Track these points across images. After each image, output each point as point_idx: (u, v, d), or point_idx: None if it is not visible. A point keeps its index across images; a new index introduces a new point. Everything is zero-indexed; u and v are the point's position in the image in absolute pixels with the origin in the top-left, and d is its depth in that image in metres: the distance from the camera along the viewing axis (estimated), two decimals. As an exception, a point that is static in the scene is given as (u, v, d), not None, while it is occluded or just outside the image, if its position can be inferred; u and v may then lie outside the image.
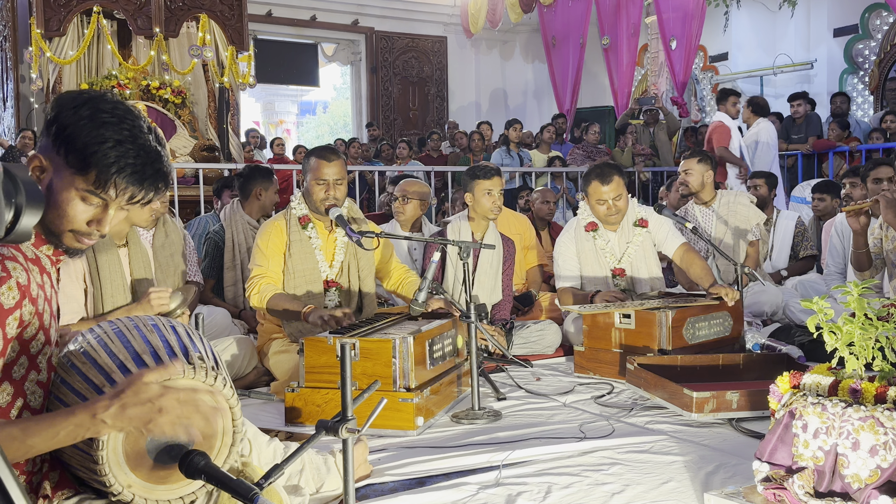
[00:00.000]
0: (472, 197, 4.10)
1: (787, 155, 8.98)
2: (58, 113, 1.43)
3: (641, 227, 4.04)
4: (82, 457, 1.39)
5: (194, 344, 1.50)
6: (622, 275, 4.03)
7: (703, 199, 4.82)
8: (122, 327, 1.50)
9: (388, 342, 2.73)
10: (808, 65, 11.70)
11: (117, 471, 1.39)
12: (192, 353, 1.46)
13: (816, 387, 1.85)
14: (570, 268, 4.10)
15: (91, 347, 1.45)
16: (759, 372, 3.17)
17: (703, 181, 4.75)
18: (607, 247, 4.04)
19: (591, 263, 4.05)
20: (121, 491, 1.40)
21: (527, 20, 13.37)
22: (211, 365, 1.47)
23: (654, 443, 2.58)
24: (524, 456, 2.46)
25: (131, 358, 1.43)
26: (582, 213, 4.12)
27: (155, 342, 1.46)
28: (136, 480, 1.41)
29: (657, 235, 4.05)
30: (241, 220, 4.72)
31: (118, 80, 9.52)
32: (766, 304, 4.46)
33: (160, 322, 1.53)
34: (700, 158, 4.77)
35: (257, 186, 4.78)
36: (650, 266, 4.06)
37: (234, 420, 1.50)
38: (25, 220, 1.10)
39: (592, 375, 3.55)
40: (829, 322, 1.86)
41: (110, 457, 1.38)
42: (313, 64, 14.74)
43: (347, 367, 1.72)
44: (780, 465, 1.84)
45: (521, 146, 9.76)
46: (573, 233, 4.14)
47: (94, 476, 1.39)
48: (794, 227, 5.42)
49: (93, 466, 1.38)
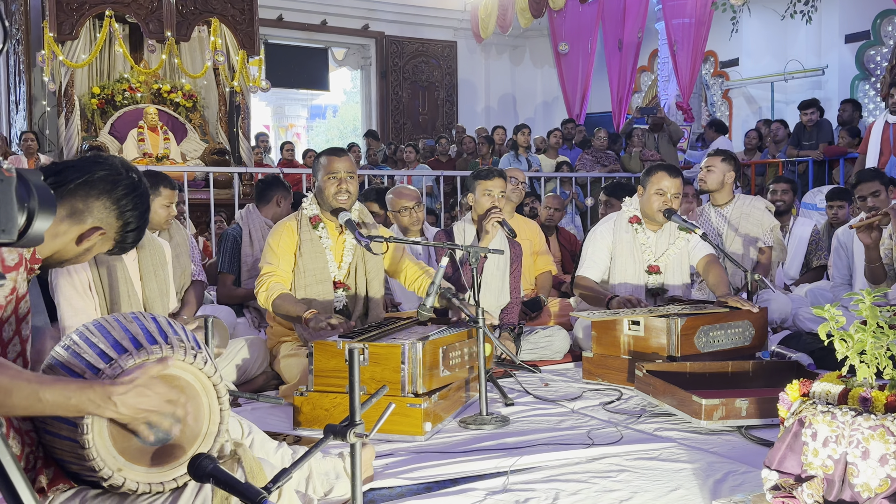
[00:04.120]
0: (473, 198, 4.11)
1: (798, 161, 8.95)
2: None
3: (686, 234, 4.05)
4: (70, 445, 1.41)
5: (173, 329, 1.55)
6: (657, 272, 4.03)
7: (720, 200, 4.79)
8: (103, 321, 1.55)
9: (397, 347, 2.73)
10: (820, 71, 11.66)
11: (105, 454, 1.41)
12: (172, 337, 1.51)
13: (826, 395, 1.84)
14: (598, 259, 4.10)
15: (73, 343, 1.50)
16: (769, 379, 3.16)
17: (724, 181, 4.71)
18: (647, 242, 4.05)
19: (626, 256, 4.05)
20: (111, 475, 1.41)
21: (537, 25, 13.38)
22: (191, 345, 1.52)
23: (663, 450, 2.57)
24: (532, 462, 2.46)
25: (111, 345, 1.48)
26: (627, 207, 4.13)
27: (134, 330, 1.51)
28: (126, 464, 1.43)
29: (690, 243, 4.08)
30: (259, 219, 4.79)
31: (129, 84, 9.59)
32: (775, 311, 4.44)
33: (140, 314, 1.59)
34: (724, 157, 4.73)
35: (278, 194, 4.87)
36: (683, 272, 4.08)
37: (220, 398, 1.54)
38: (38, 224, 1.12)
39: (601, 382, 3.54)
40: (840, 330, 1.85)
41: (97, 440, 1.40)
42: (323, 68, 14.80)
43: (356, 371, 1.73)
44: (790, 474, 1.83)
45: (529, 151, 9.76)
46: (612, 224, 4.14)
47: (83, 463, 1.42)
48: (810, 235, 5.39)
49: (81, 452, 1.40)
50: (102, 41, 8.67)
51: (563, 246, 6.07)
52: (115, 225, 1.69)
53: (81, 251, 1.67)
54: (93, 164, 1.69)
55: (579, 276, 4.13)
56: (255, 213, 4.85)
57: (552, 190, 8.68)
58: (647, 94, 13.84)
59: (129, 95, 9.58)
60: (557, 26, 12.71)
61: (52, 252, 1.63)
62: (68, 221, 1.63)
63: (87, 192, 1.65)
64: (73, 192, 1.64)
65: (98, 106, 9.45)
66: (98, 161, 1.71)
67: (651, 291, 4.06)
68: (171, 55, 8.83)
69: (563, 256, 6.00)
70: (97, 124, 9.44)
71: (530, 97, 15.33)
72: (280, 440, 2.27)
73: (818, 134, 8.89)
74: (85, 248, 1.67)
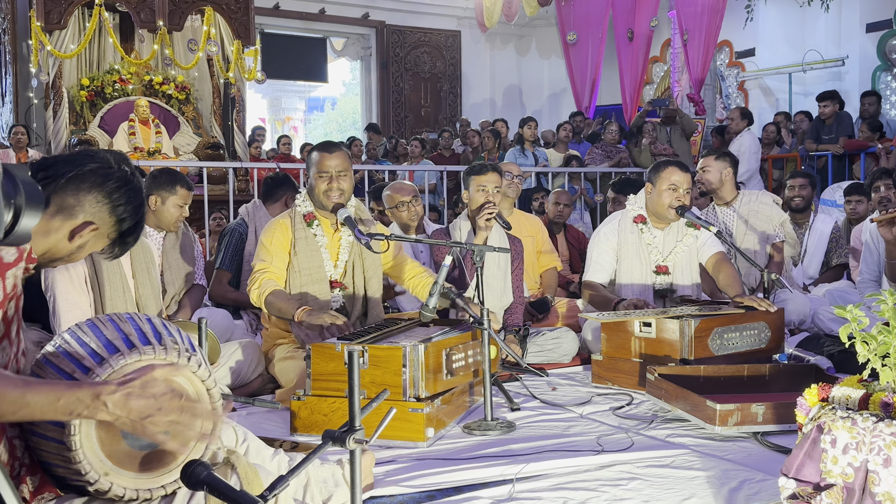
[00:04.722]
0: (468, 195, 4.11)
1: (818, 156, 8.94)
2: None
3: (694, 230, 4.04)
4: (57, 446, 1.41)
5: (168, 331, 1.56)
6: (665, 272, 4.03)
7: (724, 198, 4.80)
8: (96, 320, 1.56)
9: (398, 350, 2.73)
10: (840, 61, 11.63)
11: (93, 458, 1.42)
12: (166, 338, 1.52)
13: (846, 400, 1.84)
14: (603, 262, 4.10)
15: (64, 342, 1.51)
16: (786, 383, 3.15)
17: (722, 178, 4.73)
18: (654, 241, 4.05)
19: (632, 257, 4.05)
20: (97, 479, 1.41)
21: (543, 14, 13.37)
22: (185, 347, 1.52)
23: (675, 457, 2.57)
24: (539, 469, 2.45)
25: (102, 345, 1.48)
26: (631, 205, 4.12)
27: (127, 329, 1.52)
28: (114, 468, 1.44)
29: (699, 241, 4.07)
30: (266, 217, 4.77)
31: (120, 75, 9.60)
32: (793, 312, 4.43)
33: (135, 314, 1.59)
34: (718, 156, 4.77)
35: (287, 194, 4.86)
36: (693, 271, 4.08)
37: (213, 402, 1.54)
38: (25, 222, 1.12)
39: (611, 386, 3.54)
40: (862, 332, 1.84)
41: (84, 443, 1.40)
42: (322, 59, 14.81)
43: (356, 375, 1.72)
44: (808, 482, 1.83)
45: (536, 145, 9.74)
46: (616, 224, 4.14)
47: (69, 466, 1.42)
48: (831, 232, 5.38)
49: (67, 454, 1.40)
50: (92, 31, 8.67)
51: (571, 244, 6.07)
52: (108, 221, 1.69)
53: (74, 248, 1.67)
54: (84, 157, 1.70)
55: (586, 282, 4.14)
56: (262, 209, 4.83)
57: (560, 186, 8.67)
58: (659, 86, 13.82)
59: (119, 87, 9.59)
60: (565, 15, 12.68)
61: (44, 250, 1.63)
62: (59, 217, 1.63)
63: (77, 185, 1.65)
64: (64, 186, 1.64)
65: (87, 98, 9.46)
66: (90, 154, 1.71)
67: (659, 292, 4.05)
68: (163, 45, 8.84)
69: (571, 255, 6.00)
70: (86, 117, 9.45)
71: (537, 89, 15.31)
72: (276, 447, 2.27)
73: (838, 127, 8.87)
74: (77, 245, 1.66)
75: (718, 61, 12.82)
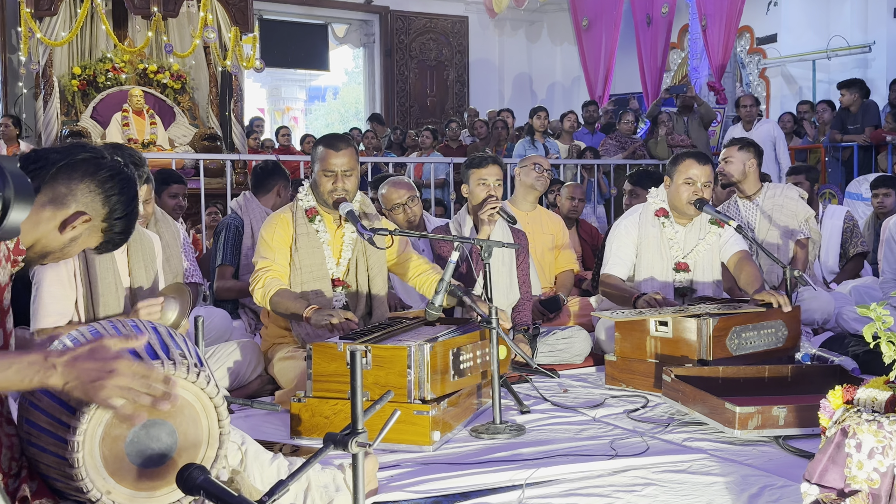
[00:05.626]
0: (468, 188, 4.10)
1: (843, 147, 8.89)
2: None
3: (718, 227, 4.03)
4: (56, 461, 1.42)
5: (175, 343, 1.56)
6: (686, 269, 4.03)
7: (747, 191, 4.78)
8: (100, 328, 1.56)
9: (402, 350, 2.73)
10: (866, 48, 11.58)
11: (94, 475, 1.42)
12: (174, 351, 1.52)
13: (872, 402, 1.83)
14: (623, 255, 4.10)
15: (65, 347, 1.51)
16: (809, 385, 3.15)
17: (745, 170, 4.72)
18: (675, 237, 4.04)
19: (652, 252, 4.04)
20: (99, 497, 1.43)
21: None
22: (193, 362, 1.52)
23: (693, 462, 2.57)
24: (550, 475, 2.46)
25: None
26: (653, 198, 4.12)
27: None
28: (116, 486, 1.44)
29: (722, 238, 4.07)
30: (259, 209, 4.77)
31: (113, 64, 9.62)
32: (816, 311, 4.42)
33: (140, 323, 1.60)
34: (741, 146, 4.75)
35: (279, 184, 4.86)
36: (714, 269, 4.07)
37: (221, 421, 1.54)
38: (14, 215, 1.12)
39: (625, 387, 3.54)
40: (887, 331, 1.84)
41: (87, 460, 1.41)
42: (323, 46, 14.80)
43: (358, 375, 1.73)
44: (832, 488, 1.83)
45: (546, 136, 9.72)
46: (637, 218, 4.14)
47: (70, 483, 1.43)
48: (843, 223, 5.38)
49: (69, 471, 1.41)
50: (83, 17, 8.67)
51: (583, 240, 6.05)
52: (101, 212, 1.70)
53: (66, 241, 1.68)
54: (75, 147, 1.72)
55: (604, 275, 4.13)
56: (254, 201, 4.83)
57: (572, 178, 8.65)
58: (676, 74, 13.78)
59: (112, 76, 9.61)
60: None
61: (34, 240, 1.64)
62: (51, 207, 1.64)
63: (69, 174, 1.66)
64: (55, 175, 1.66)
65: (79, 87, 9.48)
66: (82, 145, 1.73)
67: (679, 290, 4.05)
68: (158, 32, 8.85)
69: (583, 251, 5.98)
70: (78, 107, 9.47)
71: (548, 77, 15.29)
72: (276, 450, 2.28)
73: (864, 117, 8.82)
74: (70, 238, 1.67)
75: (739, 48, 12.78)
